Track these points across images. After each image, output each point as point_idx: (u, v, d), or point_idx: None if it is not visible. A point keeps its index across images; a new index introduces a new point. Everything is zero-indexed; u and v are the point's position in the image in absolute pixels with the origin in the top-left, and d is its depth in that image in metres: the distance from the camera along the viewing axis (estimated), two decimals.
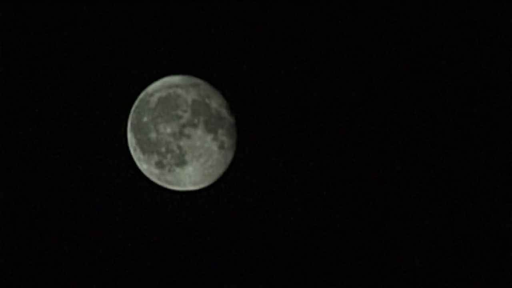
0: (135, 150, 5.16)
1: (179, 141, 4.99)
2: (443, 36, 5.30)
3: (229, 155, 5.22)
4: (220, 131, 5.10)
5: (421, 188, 5.30)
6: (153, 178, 5.22)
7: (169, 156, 5.03)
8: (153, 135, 5.02)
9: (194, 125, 5.01)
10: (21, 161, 5.34)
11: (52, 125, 5.33)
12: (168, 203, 5.32)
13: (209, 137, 5.05)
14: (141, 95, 5.21)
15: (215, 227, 5.33)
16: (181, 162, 5.04)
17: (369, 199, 5.26)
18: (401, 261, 5.30)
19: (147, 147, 5.06)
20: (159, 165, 5.07)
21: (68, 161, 5.31)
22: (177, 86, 5.13)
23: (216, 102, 5.15)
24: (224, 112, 5.16)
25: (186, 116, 5.01)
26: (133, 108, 5.23)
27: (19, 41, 5.33)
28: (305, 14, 5.30)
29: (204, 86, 5.21)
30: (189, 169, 5.07)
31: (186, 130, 4.99)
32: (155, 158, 5.07)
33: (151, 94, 5.12)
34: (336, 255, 5.30)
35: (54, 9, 5.31)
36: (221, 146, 5.11)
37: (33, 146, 5.34)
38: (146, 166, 5.16)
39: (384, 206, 5.26)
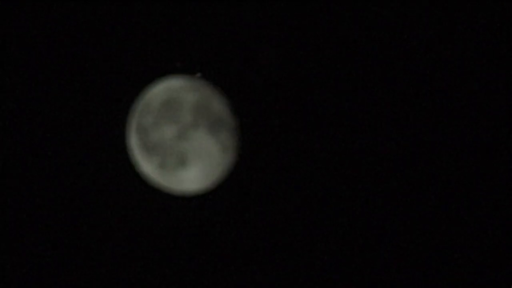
0: (137, 152, 5.17)
1: (180, 143, 5.00)
2: (443, 36, 5.31)
3: (231, 157, 5.22)
4: (221, 133, 5.11)
5: (428, 192, 5.32)
6: (155, 180, 5.22)
7: (170, 158, 5.04)
8: (155, 137, 5.03)
9: (196, 127, 5.02)
10: (21, 161, 5.32)
11: (51, 127, 5.31)
12: (169, 205, 5.33)
13: (211, 139, 5.06)
14: (144, 97, 5.21)
15: (216, 229, 5.34)
16: (183, 164, 5.05)
17: (373, 202, 5.28)
18: (401, 261, 5.33)
19: (149, 149, 5.07)
20: (161, 167, 5.08)
21: (69, 163, 5.31)
22: (179, 88, 5.13)
23: (217, 104, 5.15)
24: (226, 114, 5.17)
25: (188, 118, 5.02)
26: (135, 110, 5.22)
27: (18, 42, 5.30)
28: (307, 14, 5.29)
29: (206, 88, 5.21)
30: (191, 171, 5.09)
31: (188, 132, 5.00)
32: (157, 160, 5.07)
33: (154, 96, 5.12)
34: (338, 257, 5.32)
35: (53, 9, 5.28)
36: (223, 148, 5.13)
37: (34, 147, 5.33)
38: (147, 168, 5.16)
39: (389, 210, 5.28)
